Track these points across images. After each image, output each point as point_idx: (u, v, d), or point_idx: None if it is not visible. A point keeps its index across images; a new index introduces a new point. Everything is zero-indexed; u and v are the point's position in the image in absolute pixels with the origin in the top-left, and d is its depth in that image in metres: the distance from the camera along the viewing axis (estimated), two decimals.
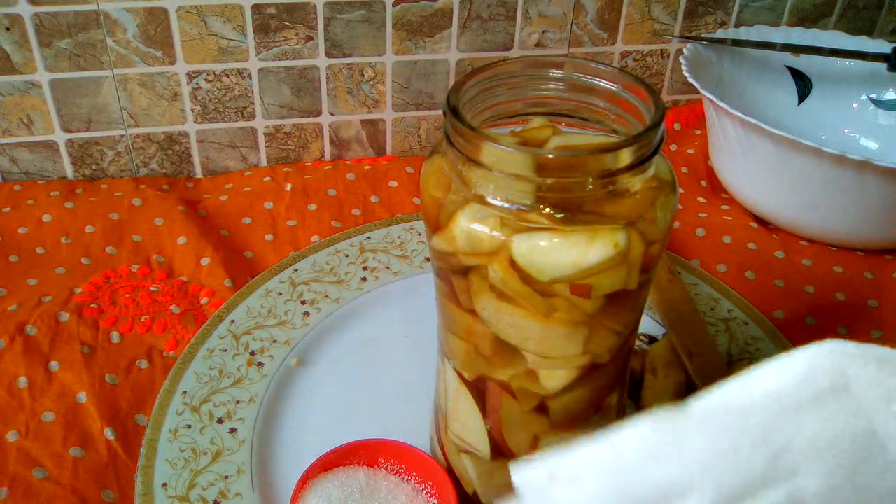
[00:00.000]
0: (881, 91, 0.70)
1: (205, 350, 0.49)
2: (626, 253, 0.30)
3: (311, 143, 0.70)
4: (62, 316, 0.51)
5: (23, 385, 0.46)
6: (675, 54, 0.75)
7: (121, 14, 0.60)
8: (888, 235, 0.59)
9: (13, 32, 0.59)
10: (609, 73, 0.34)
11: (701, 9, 0.73)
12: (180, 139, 0.67)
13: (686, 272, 0.57)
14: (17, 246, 0.57)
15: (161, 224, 0.59)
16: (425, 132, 0.73)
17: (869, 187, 0.55)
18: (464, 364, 0.36)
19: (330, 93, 0.68)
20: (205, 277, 0.55)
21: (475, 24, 0.68)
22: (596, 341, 0.33)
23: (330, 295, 0.54)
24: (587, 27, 0.71)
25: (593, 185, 0.29)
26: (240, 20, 0.63)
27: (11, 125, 0.63)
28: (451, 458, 0.40)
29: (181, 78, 0.64)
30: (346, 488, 0.39)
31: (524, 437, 0.36)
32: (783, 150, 0.56)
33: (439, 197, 0.32)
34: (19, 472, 0.41)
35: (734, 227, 0.62)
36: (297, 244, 0.59)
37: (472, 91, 0.33)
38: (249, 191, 0.64)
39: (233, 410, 0.45)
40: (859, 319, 0.55)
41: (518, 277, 0.30)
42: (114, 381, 0.47)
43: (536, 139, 0.34)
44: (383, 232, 0.59)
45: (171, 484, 0.41)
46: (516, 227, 0.30)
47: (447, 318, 0.36)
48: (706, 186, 0.69)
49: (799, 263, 0.59)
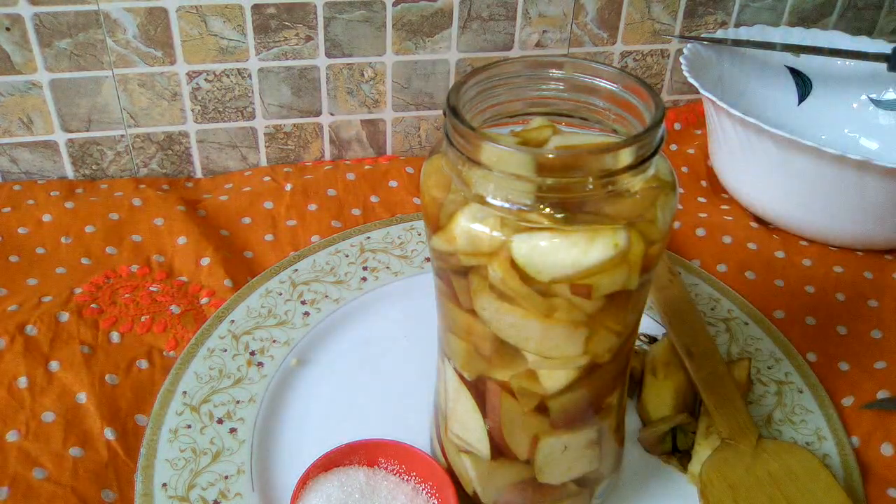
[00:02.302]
0: (881, 91, 0.70)
1: (205, 350, 0.49)
2: (626, 253, 0.30)
3: (311, 143, 0.70)
4: (62, 316, 0.51)
5: (23, 385, 0.46)
6: (675, 54, 0.75)
7: (121, 14, 0.60)
8: (888, 235, 0.59)
9: (13, 32, 0.59)
10: (609, 73, 0.34)
11: (701, 9, 0.73)
12: (180, 139, 0.67)
13: (686, 272, 0.57)
14: (17, 246, 0.57)
15: (161, 224, 0.59)
16: (425, 132, 0.73)
17: (869, 187, 0.55)
18: (464, 364, 0.36)
19: (330, 93, 0.68)
20: (205, 277, 0.55)
21: (475, 24, 0.68)
22: (596, 341, 0.33)
23: (330, 295, 0.54)
24: (587, 27, 0.71)
25: (593, 185, 0.29)
26: (240, 20, 0.63)
27: (11, 125, 0.63)
28: (451, 458, 0.40)
29: (181, 78, 0.64)
30: (346, 488, 0.39)
31: (524, 437, 0.36)
32: (783, 150, 0.56)
33: (439, 197, 0.32)
34: (19, 472, 0.41)
35: (734, 227, 0.62)
36: (297, 244, 0.59)
37: (472, 91, 0.33)
38: (249, 191, 0.64)
39: (233, 410, 0.45)
40: (859, 319, 0.55)
41: (518, 277, 0.30)
42: (114, 381, 0.47)
43: (536, 139, 0.34)
44: (383, 232, 0.59)
45: (171, 484, 0.41)
46: (516, 227, 0.30)
47: (447, 318, 0.36)
48: (706, 186, 0.69)
49: (799, 263, 0.59)
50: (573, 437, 0.36)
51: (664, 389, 0.46)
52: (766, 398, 0.48)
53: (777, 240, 0.62)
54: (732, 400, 0.44)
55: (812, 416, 0.47)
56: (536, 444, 0.36)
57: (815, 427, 0.46)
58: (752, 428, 0.43)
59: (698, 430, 0.44)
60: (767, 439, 0.43)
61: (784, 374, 0.49)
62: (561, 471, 0.37)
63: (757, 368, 0.49)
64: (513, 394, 0.35)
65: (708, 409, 0.44)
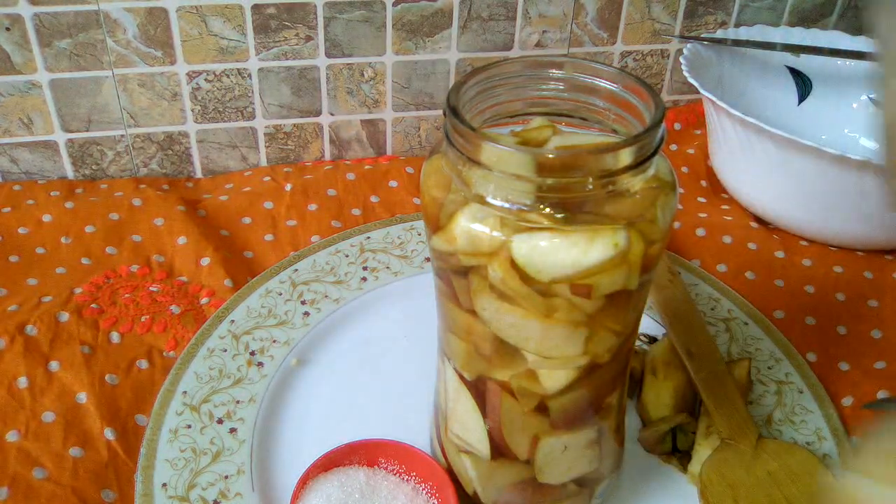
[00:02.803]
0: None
1: (205, 350, 0.49)
2: (626, 253, 0.30)
3: (311, 143, 0.70)
4: (62, 316, 0.51)
5: (23, 385, 0.46)
6: (675, 54, 0.75)
7: (121, 14, 0.60)
8: (888, 235, 0.59)
9: (13, 32, 0.59)
10: (609, 73, 0.34)
11: (701, 9, 0.73)
12: (180, 139, 0.67)
13: (686, 272, 0.57)
14: (17, 246, 0.57)
15: (161, 224, 0.59)
16: (425, 132, 0.73)
17: (869, 187, 0.55)
18: (464, 364, 0.36)
19: (330, 93, 0.68)
20: (205, 277, 0.55)
21: (475, 24, 0.68)
22: (596, 341, 0.33)
23: (330, 295, 0.54)
24: (587, 27, 0.71)
25: (593, 185, 0.29)
26: (240, 20, 0.63)
27: (11, 125, 0.63)
28: (451, 458, 0.40)
29: (181, 78, 0.64)
30: (346, 488, 0.39)
31: (524, 437, 0.36)
32: (783, 150, 0.56)
33: (439, 197, 0.32)
34: (19, 472, 0.41)
35: (734, 227, 0.62)
36: (297, 244, 0.59)
37: (472, 91, 0.33)
38: (249, 191, 0.64)
39: (233, 410, 0.45)
40: (859, 319, 0.55)
41: (518, 277, 0.30)
42: (114, 381, 0.47)
43: (536, 139, 0.34)
44: (383, 232, 0.59)
45: (171, 484, 0.41)
46: (516, 227, 0.30)
47: (447, 318, 0.36)
48: (706, 186, 0.69)
49: (799, 263, 0.59)
50: (573, 437, 0.36)
51: (664, 389, 0.46)
52: (766, 398, 0.48)
53: (777, 240, 0.62)
54: (732, 400, 0.44)
55: (812, 416, 0.47)
56: (536, 444, 0.36)
57: (815, 427, 0.46)
58: (752, 428, 0.43)
59: (698, 430, 0.44)
60: (767, 439, 0.43)
61: (784, 374, 0.49)
62: (561, 471, 0.37)
63: (757, 368, 0.49)
64: (513, 394, 0.35)
65: (708, 409, 0.44)
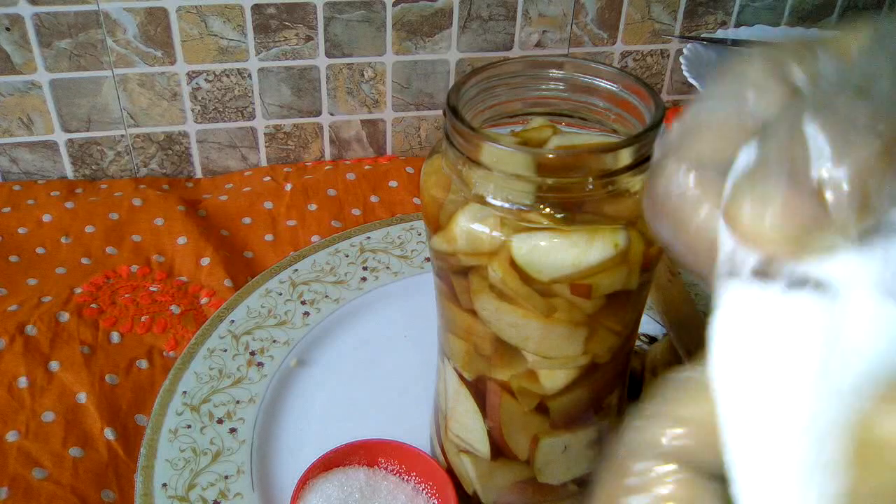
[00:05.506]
0: None
1: (205, 350, 0.49)
2: (626, 253, 0.30)
3: (311, 143, 0.70)
4: (62, 316, 0.51)
5: (23, 385, 0.46)
6: (675, 54, 0.75)
7: (121, 14, 0.60)
8: None
9: (13, 32, 0.59)
10: (609, 73, 0.34)
11: (701, 9, 0.73)
12: (180, 139, 0.67)
13: (686, 272, 0.57)
14: (17, 246, 0.57)
15: (161, 224, 0.59)
16: (425, 132, 0.73)
17: None
18: (464, 364, 0.36)
19: (330, 93, 0.68)
20: (205, 277, 0.55)
21: (475, 24, 0.68)
22: (596, 341, 0.33)
23: (330, 295, 0.54)
24: (587, 27, 0.71)
25: (593, 185, 0.29)
26: (240, 20, 0.63)
27: (11, 125, 0.63)
28: (451, 458, 0.40)
29: (181, 78, 0.64)
30: (346, 488, 0.39)
31: (524, 437, 0.36)
32: None
33: (439, 197, 0.32)
34: (19, 472, 0.41)
35: None
36: (297, 244, 0.59)
37: (472, 91, 0.33)
38: (249, 191, 0.64)
39: (233, 410, 0.45)
40: None
41: (518, 277, 0.30)
42: (114, 381, 0.47)
43: (536, 139, 0.34)
44: (383, 232, 0.59)
45: (171, 484, 0.41)
46: (516, 227, 0.30)
47: (447, 318, 0.36)
48: None
49: None
50: (573, 437, 0.36)
51: None
52: None
53: None
54: None
55: None
56: (536, 444, 0.36)
57: None
58: None
59: None
60: None
61: None
62: (561, 471, 0.37)
63: None
64: (513, 394, 0.35)
65: None
